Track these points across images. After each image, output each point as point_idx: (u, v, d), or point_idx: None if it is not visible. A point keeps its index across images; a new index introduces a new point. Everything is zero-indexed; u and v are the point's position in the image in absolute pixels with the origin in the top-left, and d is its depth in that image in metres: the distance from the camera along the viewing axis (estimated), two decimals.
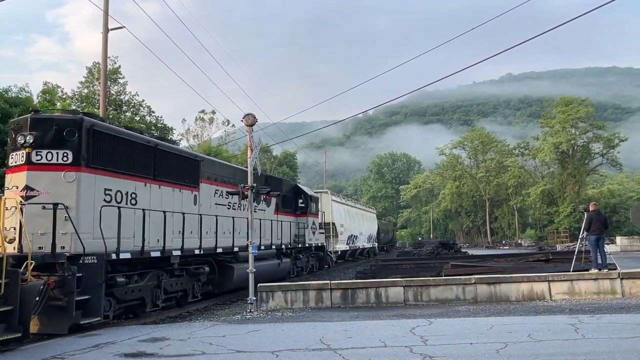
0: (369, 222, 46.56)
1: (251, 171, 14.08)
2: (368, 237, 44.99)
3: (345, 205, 37.03)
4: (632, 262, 20.26)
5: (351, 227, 37.01)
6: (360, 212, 42.81)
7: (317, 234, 26.83)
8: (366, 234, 43.96)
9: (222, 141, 50.52)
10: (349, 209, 37.56)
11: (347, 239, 35.19)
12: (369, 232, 45.81)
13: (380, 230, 54.43)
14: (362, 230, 41.78)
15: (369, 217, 46.95)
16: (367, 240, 44.27)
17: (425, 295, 13.47)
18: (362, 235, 41.47)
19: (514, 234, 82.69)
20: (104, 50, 21.88)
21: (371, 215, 49.34)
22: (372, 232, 47.72)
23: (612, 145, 70.78)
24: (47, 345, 9.14)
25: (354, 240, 38.09)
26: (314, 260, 27.27)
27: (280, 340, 8.75)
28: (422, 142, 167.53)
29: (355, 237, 38.32)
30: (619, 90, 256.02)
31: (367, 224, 45.15)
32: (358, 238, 39.64)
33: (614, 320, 9.88)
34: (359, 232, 40.17)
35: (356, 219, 39.77)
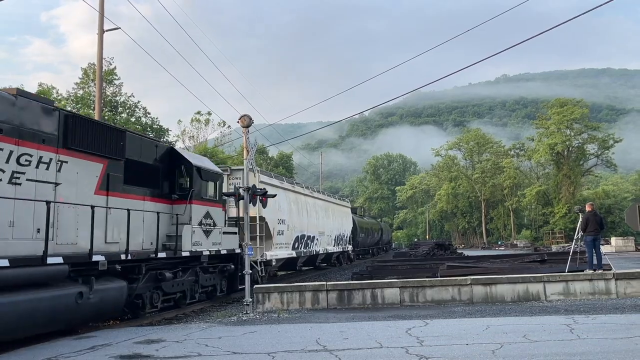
0: (339, 219, 34.18)
1: (246, 172, 14.07)
2: (336, 238, 32.86)
3: (291, 192, 24.91)
4: (626, 263, 20.37)
5: (302, 225, 25.49)
6: (323, 205, 30.63)
7: (218, 235, 15.77)
8: (332, 234, 31.85)
9: (218, 142, 50.45)
10: (297, 197, 25.67)
11: (292, 241, 24.11)
12: (339, 231, 33.58)
13: (360, 230, 42.37)
14: (324, 228, 30.05)
15: (338, 212, 34.28)
16: (334, 242, 32.26)
17: (421, 296, 13.49)
18: (324, 236, 29.82)
19: (509, 234, 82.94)
20: (100, 52, 21.83)
21: (342, 210, 36.04)
22: (344, 231, 35.17)
23: (606, 147, 71.13)
24: (41, 347, 9.10)
25: (309, 244, 26.80)
26: (216, 279, 16.28)
27: (277, 342, 8.75)
28: (418, 143, 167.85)
29: (310, 238, 26.90)
30: (613, 91, 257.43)
31: (335, 221, 32.93)
32: (316, 240, 28.13)
33: (608, 320, 9.92)
34: (318, 231, 28.45)
35: (314, 212, 28.07)
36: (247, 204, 13.81)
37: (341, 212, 35.11)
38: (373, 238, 51.33)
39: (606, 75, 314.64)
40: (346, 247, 35.58)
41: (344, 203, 37.66)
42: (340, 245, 33.83)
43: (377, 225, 56.36)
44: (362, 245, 44.82)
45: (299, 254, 24.93)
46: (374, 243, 53.48)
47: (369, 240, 48.84)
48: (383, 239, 59.56)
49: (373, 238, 51.33)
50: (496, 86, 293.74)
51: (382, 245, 60.26)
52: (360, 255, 46.98)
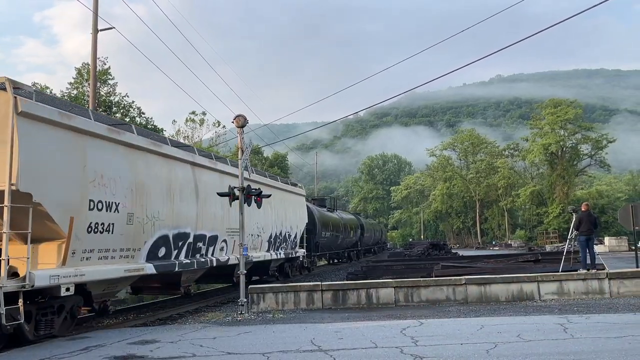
0: (281, 210, 22.47)
1: (242, 172, 14.05)
2: (275, 238, 21.58)
3: (141, 151, 12.46)
4: (620, 263, 20.49)
5: (179, 216, 13.96)
6: None
7: None
8: (264, 233, 20.35)
9: (212, 142, 50.36)
10: (168, 166, 13.62)
11: (151, 245, 12.64)
12: (279, 228, 22.17)
13: (323, 227, 30.49)
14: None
15: (279, 200, 22.15)
16: (271, 245, 21.16)
17: (416, 296, 13.52)
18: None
19: (503, 234, 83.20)
20: (94, 51, 21.74)
21: (288, 198, 23.86)
22: (290, 228, 23.66)
23: (600, 147, 71.48)
24: (35, 348, 9.06)
25: (201, 248, 15.35)
26: None
27: (271, 342, 8.75)
28: (411, 144, 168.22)
29: (205, 240, 15.42)
30: (607, 92, 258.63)
31: (272, 213, 21.31)
32: (224, 242, 16.69)
33: (602, 319, 9.98)
34: (226, 228, 16.73)
35: (215, 197, 15.16)
36: (242, 204, 13.78)
37: (285, 201, 22.99)
38: (348, 238, 38.42)
39: (600, 76, 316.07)
40: (295, 251, 24.08)
41: (291, 188, 24.31)
42: (282, 250, 22.22)
43: (354, 222, 42.44)
44: (327, 248, 32.92)
45: (169, 267, 13.13)
46: (351, 245, 40.67)
47: (342, 241, 36.54)
48: (364, 239, 46.75)
49: (348, 238, 38.42)
50: (490, 87, 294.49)
51: (363, 248, 48.00)
52: (335, 260, 40.31)
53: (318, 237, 29.53)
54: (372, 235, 52.66)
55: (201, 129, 51.51)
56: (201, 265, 14.76)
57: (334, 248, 35.75)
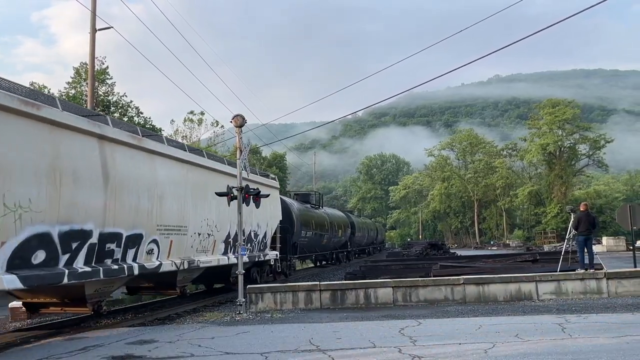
0: None
1: (240, 172, 14.04)
2: (234, 238, 16.75)
3: None
4: (617, 262, 20.50)
5: (71, 208, 9.99)
6: (182, 172, 14.12)
7: None
8: (218, 232, 16.16)
9: (211, 142, 50.31)
10: (55, 142, 9.72)
11: (14, 248, 8.78)
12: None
13: (302, 225, 26.62)
14: (195, 220, 14.63)
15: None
16: (224, 245, 16.77)
17: (414, 296, 13.52)
18: (190, 236, 14.41)
19: (502, 234, 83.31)
20: (92, 51, 21.71)
21: None
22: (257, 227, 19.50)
23: (598, 147, 71.63)
24: (32, 348, 9.05)
25: (113, 253, 11.28)
26: None
27: (270, 342, 8.74)
28: (410, 144, 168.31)
29: (124, 241, 11.56)
30: (605, 92, 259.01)
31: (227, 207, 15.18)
32: (157, 243, 12.77)
33: (600, 319, 9.99)
34: (159, 226, 12.79)
35: (147, 187, 12.33)
36: (240, 204, 13.77)
37: None
38: (335, 238, 34.93)
39: (597, 76, 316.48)
40: (264, 253, 20.15)
41: (259, 178, 19.80)
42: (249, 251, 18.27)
43: (343, 220, 38.68)
44: (309, 249, 29.19)
45: (52, 277, 9.50)
46: (339, 245, 37.27)
47: (327, 241, 32.80)
48: (356, 238, 43.17)
49: (335, 238, 34.93)
50: (488, 86, 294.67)
51: (354, 248, 44.17)
52: (323, 262, 36.63)
53: (297, 237, 25.44)
54: (365, 235, 49.07)
55: (199, 128, 51.45)
56: (113, 274, 10.94)
57: (318, 249, 31.60)
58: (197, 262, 14.36)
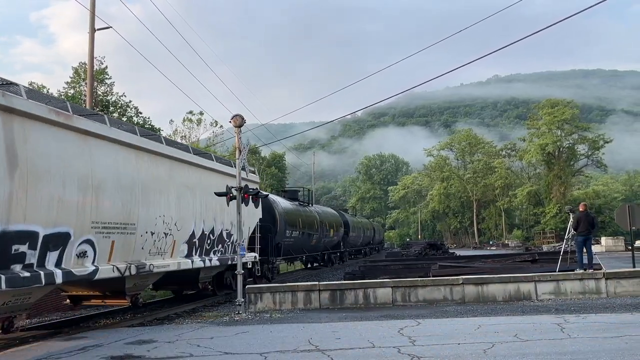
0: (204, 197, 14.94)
1: (239, 172, 14.04)
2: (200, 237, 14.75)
3: None
4: (616, 262, 20.52)
5: None
6: (112, 157, 11.12)
7: None
8: (178, 231, 13.54)
9: (210, 142, 50.30)
10: None
11: None
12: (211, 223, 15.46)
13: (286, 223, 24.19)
14: (146, 216, 12.09)
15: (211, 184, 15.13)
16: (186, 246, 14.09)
17: (414, 296, 13.53)
18: (138, 236, 11.88)
19: (501, 234, 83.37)
20: (91, 51, 21.68)
21: (218, 181, 15.49)
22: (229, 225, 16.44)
23: (597, 147, 71.72)
24: (31, 348, 9.04)
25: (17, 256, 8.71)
26: None
27: (269, 342, 8.74)
28: (409, 144, 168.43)
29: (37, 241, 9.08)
30: (604, 92, 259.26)
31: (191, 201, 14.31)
32: (82, 243, 10.18)
33: (599, 319, 10.00)
34: (58, 223, 9.56)
35: (65, 177, 9.80)
36: (239, 204, 13.77)
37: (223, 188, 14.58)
38: (326, 238, 32.45)
39: (597, 76, 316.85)
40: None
41: (233, 171, 15.31)
42: (217, 254, 15.85)
43: (335, 219, 36.11)
44: (296, 250, 26.75)
45: None
46: (331, 246, 34.77)
47: (317, 241, 30.37)
48: (350, 238, 40.89)
49: (326, 238, 32.45)
50: (487, 87, 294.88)
51: (349, 249, 41.52)
52: (315, 264, 34.01)
53: (280, 237, 23.26)
54: (360, 235, 46.28)
55: (198, 128, 51.43)
56: (21, 284, 8.55)
57: (307, 250, 28.87)
58: (149, 267, 12.02)
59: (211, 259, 15.31)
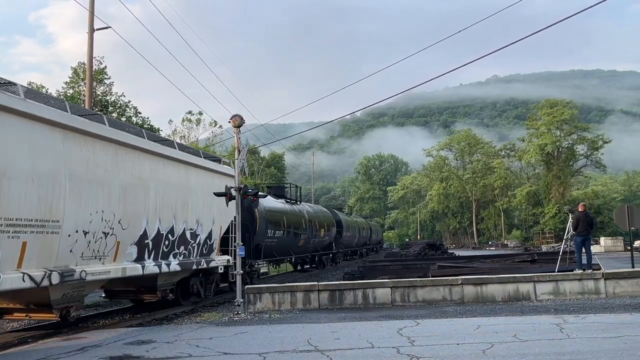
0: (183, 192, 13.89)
1: (238, 172, 14.03)
2: (155, 238, 12.57)
3: None
4: (615, 263, 20.54)
5: None
6: None
7: None
8: (124, 230, 11.32)
9: (209, 142, 50.30)
10: None
11: None
12: (169, 222, 13.17)
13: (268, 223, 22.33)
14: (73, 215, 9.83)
15: (172, 176, 13.48)
16: (136, 248, 11.95)
17: (413, 296, 13.53)
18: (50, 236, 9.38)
19: (500, 235, 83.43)
20: (90, 51, 21.67)
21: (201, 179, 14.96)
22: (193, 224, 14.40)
23: (596, 147, 71.80)
24: (30, 348, 9.03)
25: None
26: None
27: (268, 342, 8.74)
28: (407, 144, 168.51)
29: None
30: (602, 92, 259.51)
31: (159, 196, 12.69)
32: None
33: (598, 320, 10.00)
34: None
35: None
36: (238, 204, 13.76)
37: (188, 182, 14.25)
38: (316, 238, 30.19)
39: (595, 77, 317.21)
40: (209, 259, 15.50)
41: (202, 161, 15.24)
42: (179, 257, 13.84)
43: (326, 218, 33.72)
44: (280, 252, 24.49)
45: None
46: (322, 247, 32.46)
47: (305, 242, 28.11)
48: (344, 239, 38.67)
49: (316, 238, 30.19)
50: (486, 87, 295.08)
51: (342, 250, 39.39)
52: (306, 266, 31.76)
53: (261, 238, 21.22)
54: (355, 235, 43.68)
55: (198, 128, 51.44)
56: None
57: (294, 252, 26.78)
58: (80, 274, 9.83)
59: (170, 263, 13.04)
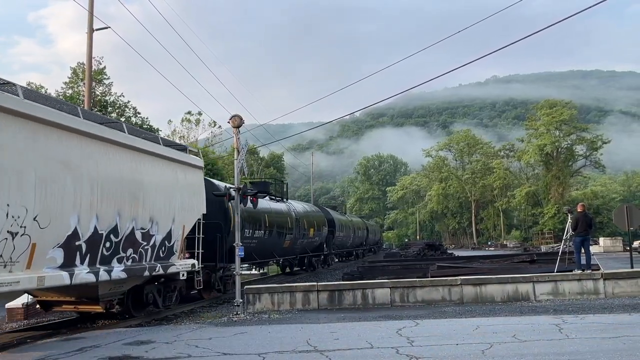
0: (135, 185, 11.70)
1: (238, 173, 14.03)
2: (91, 239, 10.28)
3: None
4: (614, 263, 20.56)
5: None
6: None
7: None
8: (44, 229, 9.07)
9: (208, 142, 50.29)
10: None
11: None
12: (111, 220, 10.83)
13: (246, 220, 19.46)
14: None
15: (122, 164, 11.31)
16: (62, 252, 9.57)
17: (412, 297, 13.53)
18: None
19: (499, 235, 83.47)
20: (89, 51, 21.66)
21: (160, 170, 12.85)
22: (146, 222, 12.02)
23: (595, 147, 71.85)
24: (29, 348, 9.03)
25: None
26: None
27: (267, 343, 8.74)
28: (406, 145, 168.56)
29: None
30: (601, 93, 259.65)
31: (98, 187, 10.46)
32: None
33: (597, 320, 10.01)
34: None
35: None
36: (237, 204, 13.76)
37: (141, 173, 12.06)
38: (304, 239, 27.85)
39: (594, 77, 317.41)
40: (168, 263, 13.12)
41: (161, 149, 13.09)
42: (125, 262, 11.40)
43: (317, 217, 31.34)
44: (259, 254, 22.00)
45: None
46: (311, 248, 30.00)
47: (291, 243, 25.85)
48: (337, 239, 36.22)
49: (304, 239, 27.85)
50: (486, 87, 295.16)
51: (334, 251, 37.03)
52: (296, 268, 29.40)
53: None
54: (350, 235, 41.18)
55: (197, 129, 51.45)
56: None
57: (278, 254, 24.48)
58: None
59: (111, 269, 10.68)
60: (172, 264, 13.24)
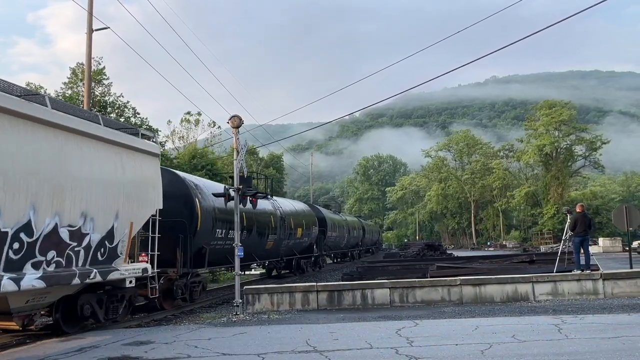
0: (63, 174, 9.38)
1: (237, 173, 14.03)
2: None
3: None
4: (613, 263, 20.58)
5: None
6: None
7: None
8: None
9: (208, 143, 50.28)
10: None
11: None
12: (21, 217, 8.34)
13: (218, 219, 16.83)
14: None
15: (40, 146, 8.81)
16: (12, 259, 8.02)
17: (411, 297, 13.53)
18: None
19: (498, 235, 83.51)
20: (88, 51, 21.65)
21: (95, 154, 10.30)
22: (76, 219, 9.65)
23: (594, 148, 71.89)
24: (28, 349, 9.02)
25: None
26: None
27: (267, 343, 8.73)
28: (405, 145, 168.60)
29: None
30: (601, 93, 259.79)
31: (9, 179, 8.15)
32: None
33: (596, 320, 10.02)
34: None
35: None
36: (237, 205, 13.76)
37: (69, 158, 9.59)
38: (290, 240, 25.79)
39: (594, 77, 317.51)
40: (106, 268, 10.57)
41: (109, 133, 10.88)
42: (45, 268, 8.86)
43: (307, 216, 29.29)
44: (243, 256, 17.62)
45: None
46: (300, 249, 28.04)
47: (276, 244, 23.64)
48: (330, 240, 34.52)
49: (290, 240, 25.79)
50: (485, 87, 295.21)
51: (326, 252, 35.26)
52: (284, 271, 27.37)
53: (204, 239, 16.11)
54: (344, 235, 39.08)
55: (196, 129, 51.44)
56: None
57: (258, 256, 22.05)
58: None
59: (22, 277, 8.33)
60: (115, 269, 10.87)
